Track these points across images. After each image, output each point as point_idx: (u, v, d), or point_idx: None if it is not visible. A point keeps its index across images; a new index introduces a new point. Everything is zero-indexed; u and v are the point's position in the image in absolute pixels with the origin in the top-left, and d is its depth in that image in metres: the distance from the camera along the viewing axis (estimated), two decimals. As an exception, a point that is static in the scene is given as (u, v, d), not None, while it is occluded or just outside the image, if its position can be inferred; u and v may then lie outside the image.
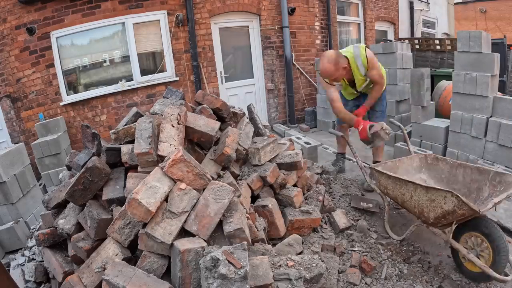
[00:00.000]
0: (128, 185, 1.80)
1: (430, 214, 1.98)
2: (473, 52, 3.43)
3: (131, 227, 1.70)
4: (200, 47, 5.53)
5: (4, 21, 4.67)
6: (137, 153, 1.79)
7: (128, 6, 5.03)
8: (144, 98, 5.33)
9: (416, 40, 8.14)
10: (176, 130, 1.93)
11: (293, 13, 6.25)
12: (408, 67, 4.89)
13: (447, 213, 1.86)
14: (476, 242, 1.93)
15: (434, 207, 1.94)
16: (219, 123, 2.25)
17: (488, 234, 1.85)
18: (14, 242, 3.00)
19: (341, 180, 3.30)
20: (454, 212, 1.82)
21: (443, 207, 1.87)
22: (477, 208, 1.73)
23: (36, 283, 2.14)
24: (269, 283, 1.47)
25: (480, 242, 1.91)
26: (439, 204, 1.89)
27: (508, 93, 6.21)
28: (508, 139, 3.18)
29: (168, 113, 2.00)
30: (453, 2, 12.66)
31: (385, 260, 2.18)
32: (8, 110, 4.90)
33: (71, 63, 5.09)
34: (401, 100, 4.84)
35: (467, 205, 1.73)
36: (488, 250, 1.86)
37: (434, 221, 1.99)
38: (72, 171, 2.42)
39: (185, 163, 1.71)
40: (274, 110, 6.50)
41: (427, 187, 1.96)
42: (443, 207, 1.87)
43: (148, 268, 1.57)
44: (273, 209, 2.13)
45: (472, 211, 1.74)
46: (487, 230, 1.86)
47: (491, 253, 1.83)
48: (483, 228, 1.88)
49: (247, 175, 2.32)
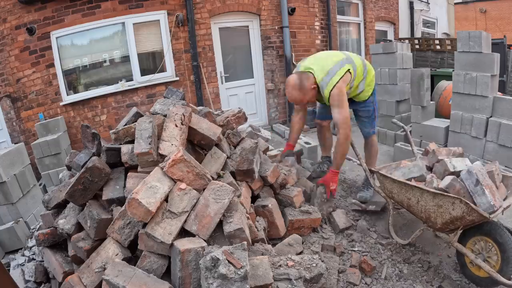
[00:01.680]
0: (128, 185, 1.79)
1: (438, 220, 1.92)
2: (473, 52, 3.43)
3: (131, 227, 1.70)
4: (200, 47, 5.54)
5: (4, 21, 4.67)
6: (137, 153, 1.79)
7: (128, 6, 5.03)
8: (144, 98, 5.33)
9: (416, 40, 8.15)
10: (179, 130, 1.93)
11: (293, 13, 6.25)
12: (408, 67, 4.89)
13: (455, 219, 1.81)
14: (483, 247, 1.88)
15: (441, 212, 1.87)
16: (221, 129, 2.25)
17: (501, 243, 1.79)
18: (14, 242, 3.00)
19: (341, 180, 3.29)
20: (463, 218, 1.77)
21: (451, 213, 1.81)
22: (487, 215, 1.69)
23: (36, 283, 2.14)
24: (269, 283, 1.47)
25: (489, 247, 1.85)
26: (447, 210, 1.83)
27: (508, 93, 6.21)
28: (508, 139, 3.18)
29: (173, 112, 1.99)
30: (453, 2, 12.66)
31: (385, 260, 2.18)
32: (8, 110, 4.90)
33: (71, 63, 5.09)
34: (401, 100, 4.84)
35: (477, 212, 1.69)
36: (496, 256, 1.80)
37: (441, 226, 1.94)
38: (72, 171, 2.42)
39: (185, 163, 1.71)
40: (274, 110, 6.50)
41: (434, 192, 1.88)
42: (451, 213, 1.81)
43: (148, 268, 1.57)
44: (273, 209, 2.13)
45: (481, 217, 1.71)
46: (501, 239, 1.79)
47: (500, 260, 1.78)
48: (496, 236, 1.81)
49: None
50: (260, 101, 6.43)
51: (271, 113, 6.48)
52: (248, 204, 2.05)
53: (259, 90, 6.37)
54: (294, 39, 6.36)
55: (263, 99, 6.43)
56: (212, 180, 1.82)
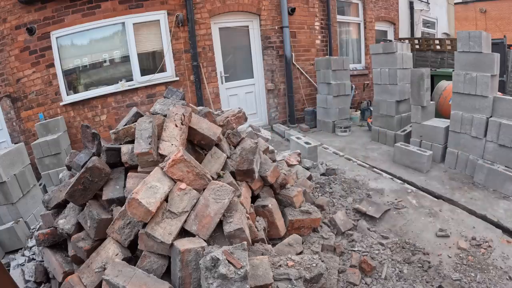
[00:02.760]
0: (128, 185, 1.79)
1: None
2: (473, 52, 3.43)
3: (131, 227, 1.70)
4: (200, 47, 5.54)
5: (4, 21, 4.67)
6: (137, 153, 1.79)
7: (128, 6, 5.03)
8: (144, 98, 5.33)
9: (416, 40, 8.14)
10: (179, 130, 1.93)
11: (293, 13, 6.25)
12: (408, 67, 4.89)
13: None
14: None
15: None
16: (221, 129, 2.25)
17: None
18: (14, 242, 3.00)
19: (341, 180, 3.30)
20: None
21: None
22: None
23: (36, 283, 2.14)
24: (269, 283, 1.47)
25: None
26: None
27: (508, 93, 6.21)
28: (508, 139, 3.18)
29: (173, 112, 1.99)
30: (453, 2, 12.65)
31: (385, 260, 2.18)
32: (8, 110, 4.90)
33: (71, 63, 5.09)
34: (401, 100, 4.84)
35: None
36: None
37: None
38: (72, 171, 2.42)
39: (185, 163, 1.71)
40: (274, 110, 6.50)
41: None
42: None
43: (148, 268, 1.57)
44: (273, 209, 2.13)
45: None
46: None
47: None
48: None
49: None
50: (260, 101, 6.44)
51: (271, 113, 6.48)
52: (248, 204, 2.05)
53: (259, 90, 6.37)
54: (294, 39, 6.36)
55: (263, 99, 6.43)
56: (212, 180, 1.82)
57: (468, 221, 2.68)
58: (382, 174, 3.72)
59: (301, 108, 6.60)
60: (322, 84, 6.00)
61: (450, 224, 2.63)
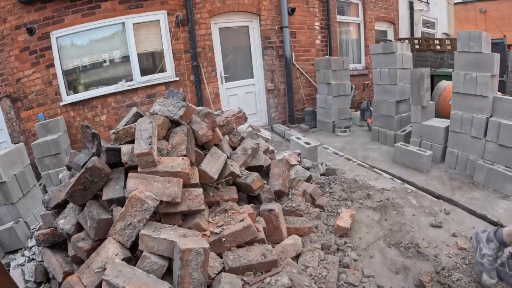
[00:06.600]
0: (129, 185, 1.79)
1: None
2: (473, 52, 3.43)
3: (132, 228, 1.70)
4: (200, 47, 5.54)
5: (4, 21, 4.67)
6: (137, 154, 1.79)
7: (128, 6, 5.04)
8: (144, 98, 5.33)
9: (416, 40, 8.13)
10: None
11: (293, 13, 6.25)
12: (408, 67, 4.89)
13: None
14: None
15: None
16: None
17: None
18: (14, 242, 3.00)
19: (341, 180, 3.30)
20: None
21: None
22: None
23: (36, 283, 2.13)
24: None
25: None
26: None
27: (508, 93, 6.21)
28: (508, 139, 3.18)
29: None
30: (453, 2, 12.66)
31: (385, 260, 2.18)
32: (8, 110, 4.90)
33: (71, 63, 5.09)
34: (401, 100, 4.84)
35: None
36: None
37: None
38: (72, 171, 2.41)
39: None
40: (274, 110, 6.50)
41: None
42: None
43: (148, 269, 1.57)
44: (279, 213, 2.12)
45: None
46: None
47: None
48: None
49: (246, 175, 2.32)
50: (260, 101, 6.44)
51: (271, 113, 6.48)
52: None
53: (259, 90, 6.37)
54: (294, 39, 6.36)
55: (263, 99, 6.43)
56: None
57: (468, 221, 2.68)
58: (382, 174, 3.72)
59: (301, 108, 6.60)
60: (322, 84, 6.00)
61: (450, 224, 2.63)
